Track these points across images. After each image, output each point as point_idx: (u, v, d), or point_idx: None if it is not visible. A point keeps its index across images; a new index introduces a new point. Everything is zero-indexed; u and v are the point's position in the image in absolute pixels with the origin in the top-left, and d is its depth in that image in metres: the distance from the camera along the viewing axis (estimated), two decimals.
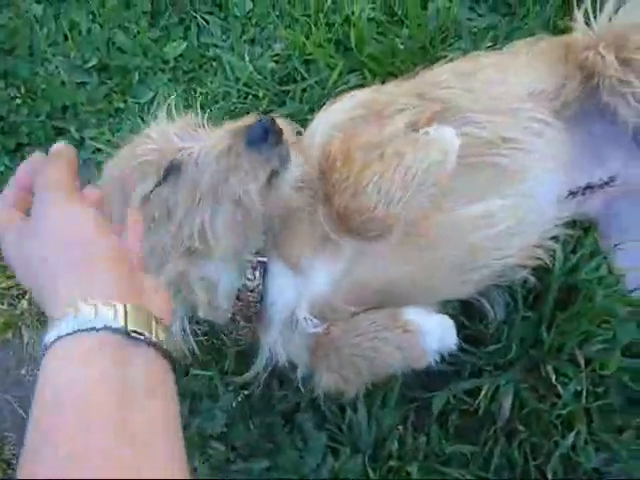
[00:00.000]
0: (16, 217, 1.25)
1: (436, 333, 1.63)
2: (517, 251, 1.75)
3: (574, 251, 1.93)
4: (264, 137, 1.49)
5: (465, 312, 1.92)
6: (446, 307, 1.85)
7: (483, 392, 1.85)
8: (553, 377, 1.82)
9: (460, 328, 1.83)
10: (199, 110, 1.86)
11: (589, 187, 1.88)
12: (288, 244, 1.65)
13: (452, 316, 1.80)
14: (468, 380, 1.89)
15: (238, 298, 1.65)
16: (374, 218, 1.55)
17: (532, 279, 1.84)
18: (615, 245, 1.91)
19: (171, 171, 1.55)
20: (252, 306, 1.66)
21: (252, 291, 1.64)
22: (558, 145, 1.81)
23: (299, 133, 1.80)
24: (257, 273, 1.63)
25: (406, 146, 1.58)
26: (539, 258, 1.81)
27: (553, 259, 1.86)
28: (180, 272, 1.59)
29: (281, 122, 1.57)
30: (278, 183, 1.53)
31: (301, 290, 1.66)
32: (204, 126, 1.67)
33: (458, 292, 1.80)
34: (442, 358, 1.78)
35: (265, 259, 1.64)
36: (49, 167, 1.28)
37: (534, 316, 1.88)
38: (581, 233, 1.96)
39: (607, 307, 1.85)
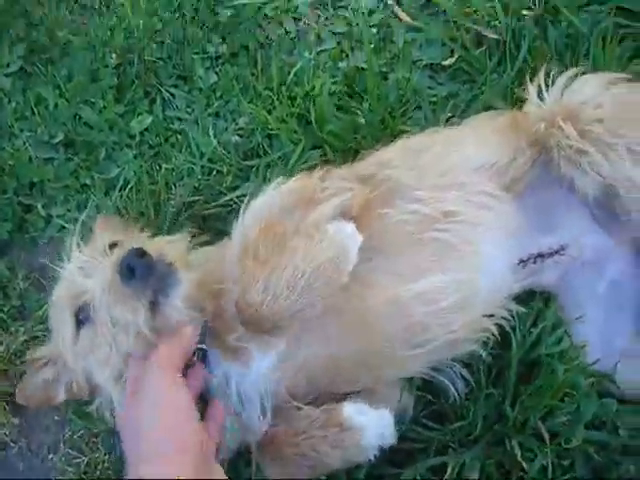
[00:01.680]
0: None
1: (374, 429, 1.64)
2: (464, 325, 1.76)
3: (535, 324, 1.94)
4: (132, 272, 1.53)
5: (430, 389, 1.92)
6: (411, 384, 1.89)
7: (449, 469, 1.84)
8: (518, 453, 1.82)
9: (426, 405, 1.89)
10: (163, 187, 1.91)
11: (540, 255, 1.90)
12: (225, 334, 1.69)
13: (417, 394, 1.86)
14: (434, 457, 1.88)
15: None
16: (261, 315, 1.57)
17: (491, 354, 1.88)
18: (576, 318, 1.93)
19: (83, 312, 1.65)
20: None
21: None
22: (506, 217, 1.83)
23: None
24: (195, 358, 1.66)
25: (302, 242, 1.61)
26: (491, 331, 1.83)
27: (513, 331, 1.89)
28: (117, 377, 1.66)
29: (159, 244, 1.70)
30: (161, 309, 1.57)
31: (244, 379, 1.70)
32: (106, 252, 1.70)
33: (408, 369, 1.81)
34: (407, 436, 1.80)
35: (204, 347, 1.67)
36: (164, 344, 1.54)
37: (497, 392, 1.89)
38: (542, 305, 1.97)
39: (569, 381, 1.86)
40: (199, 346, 1.67)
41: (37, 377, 1.82)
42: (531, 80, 1.95)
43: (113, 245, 1.74)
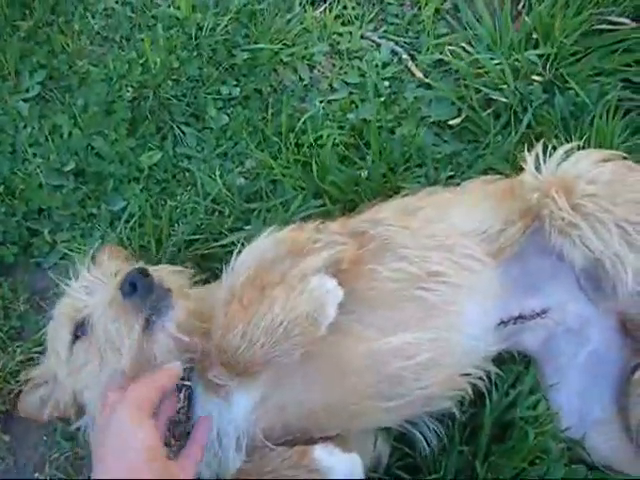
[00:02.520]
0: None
1: (342, 472, 1.72)
2: (438, 382, 1.86)
3: (514, 386, 2.04)
4: (133, 289, 1.67)
5: (406, 441, 2.02)
6: (388, 434, 2.00)
7: None
8: None
9: (401, 456, 1.99)
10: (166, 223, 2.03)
11: (521, 317, 2.00)
12: (209, 371, 1.79)
13: (393, 444, 1.96)
14: None
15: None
16: (237, 359, 1.70)
17: (465, 413, 1.99)
18: (550, 384, 2.04)
19: (81, 327, 1.79)
20: (179, 427, 1.79)
21: (178, 412, 1.78)
22: (490, 280, 1.95)
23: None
24: (182, 396, 1.79)
25: (283, 292, 1.72)
26: (465, 390, 1.93)
27: (488, 392, 1.99)
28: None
29: (161, 270, 1.80)
30: (153, 331, 1.70)
31: (224, 415, 1.81)
32: (111, 274, 1.87)
33: (381, 420, 1.91)
34: None
35: (189, 383, 1.80)
36: (141, 382, 1.62)
37: (470, 449, 1.98)
38: (522, 368, 2.08)
39: (541, 445, 1.96)
40: (185, 383, 1.80)
41: (33, 396, 1.96)
42: (532, 148, 2.06)
43: (118, 272, 1.87)
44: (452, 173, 2.46)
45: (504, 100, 2.54)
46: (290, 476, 1.74)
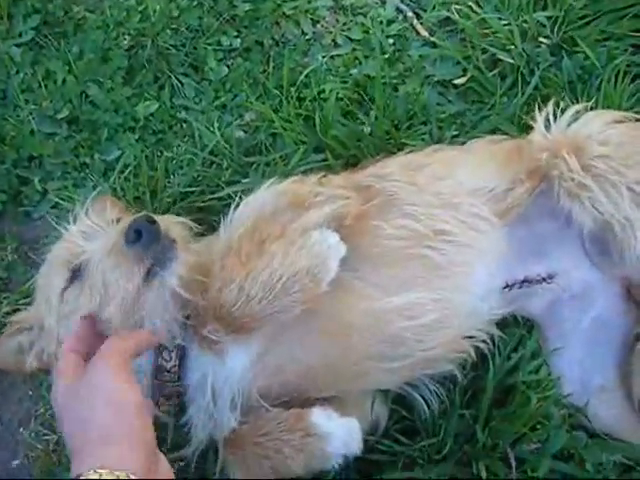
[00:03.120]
0: (75, 368, 1.48)
1: (340, 437, 1.67)
2: (442, 344, 1.81)
3: (515, 350, 2.00)
4: (138, 237, 1.59)
5: (405, 404, 1.97)
6: (386, 397, 1.94)
7: None
8: (484, 475, 1.86)
9: (399, 419, 1.95)
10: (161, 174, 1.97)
11: (526, 281, 1.95)
12: (205, 327, 1.71)
13: (391, 407, 1.92)
14: (401, 471, 1.92)
15: (157, 377, 1.74)
16: (233, 314, 1.63)
17: (467, 376, 1.94)
18: (553, 349, 1.99)
19: (77, 272, 1.70)
20: (169, 386, 1.75)
21: (169, 371, 1.73)
22: (497, 241, 1.89)
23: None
24: (173, 355, 1.73)
25: (282, 246, 1.66)
26: (469, 353, 1.88)
27: (492, 355, 1.94)
28: None
29: (166, 219, 1.72)
30: (154, 282, 1.63)
31: (218, 374, 1.74)
32: (112, 222, 1.80)
33: (382, 381, 1.87)
34: (376, 448, 1.86)
35: (182, 342, 1.73)
36: (116, 337, 1.54)
37: (470, 413, 1.94)
38: (524, 332, 2.03)
39: (542, 410, 1.91)
40: (177, 342, 1.74)
41: (12, 340, 1.87)
42: (540, 109, 2.00)
43: (119, 219, 1.82)
44: (456, 132, 2.40)
45: (510, 61, 2.48)
46: (285, 439, 1.68)
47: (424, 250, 1.82)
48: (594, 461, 1.92)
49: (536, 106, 2.05)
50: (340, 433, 1.68)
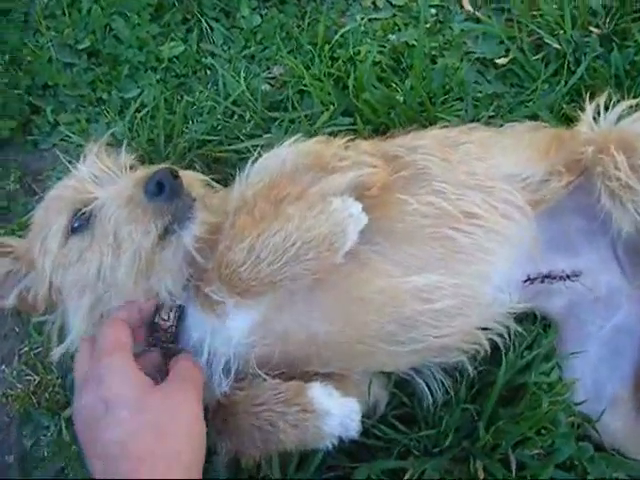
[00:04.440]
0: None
1: (337, 417, 1.56)
2: (456, 332, 1.71)
3: (529, 348, 1.89)
4: (160, 190, 1.50)
5: (406, 389, 1.88)
6: (389, 380, 1.84)
7: (407, 476, 1.78)
8: (481, 476, 1.76)
9: (398, 405, 1.85)
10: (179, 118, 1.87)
11: (549, 276, 1.85)
12: (208, 286, 1.61)
13: (392, 391, 1.82)
14: (394, 460, 1.83)
15: (151, 335, 1.65)
16: (239, 276, 1.53)
17: (476, 368, 1.83)
18: (571, 353, 1.88)
19: (83, 220, 1.60)
20: (165, 346, 1.65)
21: (165, 330, 1.63)
22: (527, 232, 1.78)
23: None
24: (172, 314, 1.63)
25: (300, 210, 1.56)
26: (482, 345, 1.77)
27: (506, 351, 1.83)
28: (93, 305, 1.61)
29: (188, 175, 1.63)
30: (171, 240, 1.54)
31: (217, 336, 1.64)
32: (125, 169, 1.70)
33: (388, 364, 1.76)
34: (371, 432, 1.78)
35: (181, 302, 1.64)
36: (104, 329, 1.51)
37: (475, 408, 1.83)
38: (541, 330, 1.92)
39: (551, 415, 1.80)
40: (177, 303, 1.64)
41: None
42: (584, 100, 1.91)
43: (134, 167, 1.73)
44: (493, 114, 2.29)
45: (557, 47, 2.37)
46: (280, 412, 1.57)
47: (450, 231, 1.71)
48: (597, 475, 1.82)
49: (577, 97, 2.04)
50: (339, 413, 1.57)
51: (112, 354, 1.42)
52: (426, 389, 1.82)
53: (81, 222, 1.61)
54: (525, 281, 1.83)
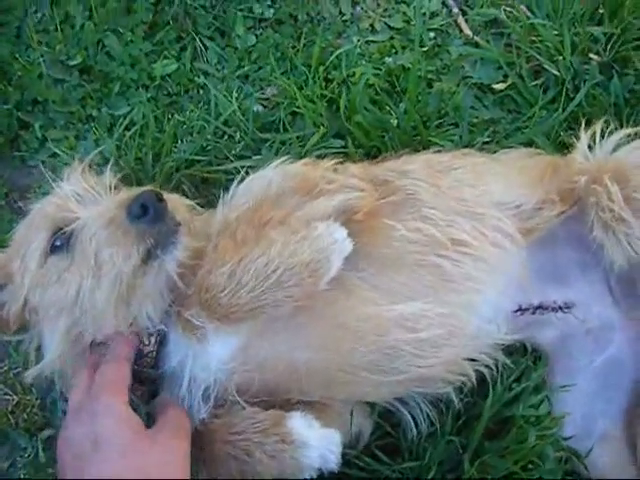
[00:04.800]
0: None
1: (316, 449, 1.52)
2: (442, 363, 1.67)
3: (518, 381, 1.86)
4: (143, 212, 1.47)
5: (390, 419, 1.85)
6: (372, 410, 1.81)
7: None
8: None
9: (381, 435, 1.83)
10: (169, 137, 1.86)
11: (541, 307, 1.83)
12: (188, 310, 1.57)
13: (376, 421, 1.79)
14: None
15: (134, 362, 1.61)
16: (219, 301, 1.50)
17: (462, 400, 1.80)
18: (561, 386, 1.85)
19: (64, 240, 1.57)
20: (144, 371, 1.62)
21: (146, 355, 1.61)
22: (517, 260, 1.76)
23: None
24: (152, 339, 1.61)
25: (283, 234, 1.53)
26: (469, 376, 1.74)
27: (493, 383, 1.81)
28: (70, 328, 1.58)
29: (172, 199, 1.60)
30: (153, 265, 1.52)
31: (197, 361, 1.60)
32: (109, 190, 1.67)
33: (371, 393, 1.72)
34: (354, 463, 1.76)
35: (163, 327, 1.61)
36: (108, 366, 1.52)
37: (460, 441, 1.80)
38: (530, 363, 1.90)
39: (539, 450, 1.78)
40: (158, 327, 1.61)
41: None
42: (578, 128, 1.90)
43: (117, 188, 1.71)
44: (488, 139, 2.27)
45: (556, 73, 2.33)
46: (258, 442, 1.53)
47: (437, 259, 1.69)
48: None
49: (575, 125, 2.02)
50: (319, 444, 1.53)
51: (112, 395, 1.44)
52: (411, 420, 1.79)
53: (61, 241, 1.58)
54: (516, 311, 1.81)
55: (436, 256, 1.69)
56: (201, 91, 2.49)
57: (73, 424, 1.45)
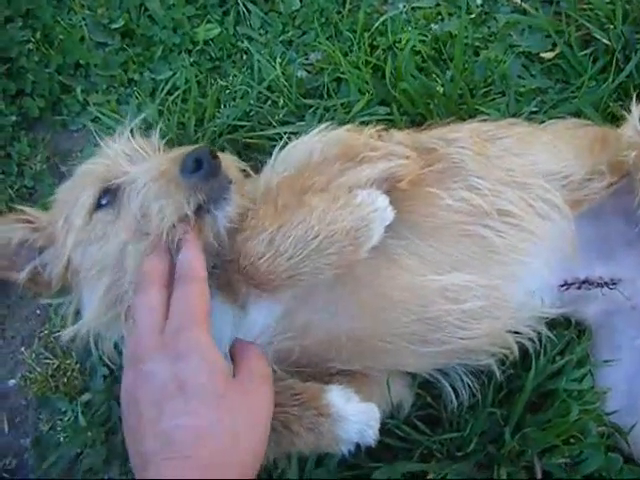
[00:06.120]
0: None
1: (355, 424, 1.52)
2: (484, 335, 1.67)
3: (562, 353, 1.87)
4: (197, 167, 1.46)
5: (431, 390, 1.86)
6: (414, 380, 1.82)
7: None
8: None
9: (422, 406, 1.84)
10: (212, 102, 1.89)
11: (587, 282, 1.82)
12: (232, 279, 1.59)
13: (417, 392, 1.80)
14: (416, 463, 1.81)
15: None
16: (257, 268, 1.49)
17: (504, 372, 1.81)
18: (605, 361, 1.85)
19: (112, 195, 1.57)
20: None
21: None
22: (563, 232, 1.75)
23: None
24: None
25: (324, 202, 1.52)
26: (512, 349, 1.74)
27: (536, 355, 1.81)
28: (110, 288, 1.58)
29: (226, 158, 1.59)
30: (206, 221, 1.51)
31: (237, 329, 1.61)
32: (159, 150, 1.68)
33: (412, 364, 1.73)
34: (393, 432, 1.77)
35: None
36: (186, 289, 1.38)
37: (502, 413, 1.81)
38: (573, 336, 1.90)
39: (581, 424, 1.78)
40: None
41: (8, 229, 1.70)
42: (638, 98, 1.86)
43: (167, 150, 1.71)
44: (536, 109, 2.25)
45: (606, 42, 2.31)
46: (296, 415, 1.53)
47: (483, 229, 1.68)
48: None
49: (627, 95, 2.00)
50: (357, 419, 1.52)
51: (196, 325, 1.31)
52: (451, 391, 1.80)
53: (109, 198, 1.58)
54: (561, 286, 1.80)
55: (482, 226, 1.68)
56: (244, 56, 2.51)
57: (150, 361, 1.28)
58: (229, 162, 1.63)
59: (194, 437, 1.20)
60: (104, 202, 1.59)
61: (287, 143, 1.75)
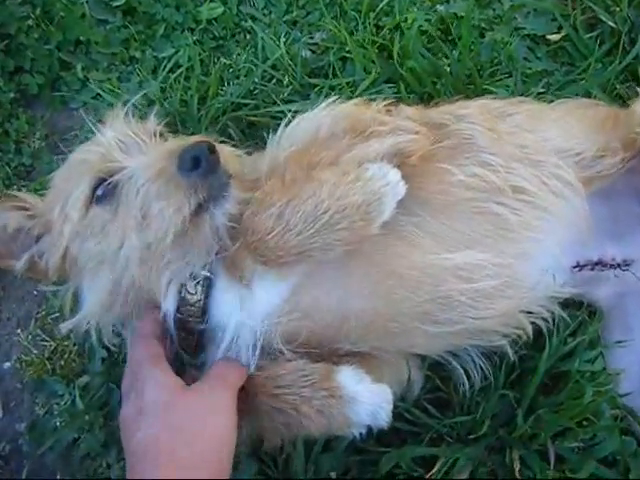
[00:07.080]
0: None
1: (367, 406, 1.47)
2: (497, 315, 1.60)
3: (574, 334, 1.80)
4: (195, 165, 1.40)
5: (441, 372, 1.79)
6: (423, 362, 1.75)
7: (438, 464, 1.70)
8: (517, 467, 1.68)
9: (432, 388, 1.77)
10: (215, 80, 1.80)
11: (600, 263, 1.76)
12: (238, 259, 1.52)
13: (426, 375, 1.75)
14: (425, 447, 1.74)
15: (178, 310, 1.54)
16: (266, 243, 1.43)
17: (516, 353, 1.73)
18: (616, 342, 1.79)
19: (108, 188, 1.51)
20: (191, 320, 1.55)
21: (192, 305, 1.53)
22: (578, 212, 1.68)
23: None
24: (199, 288, 1.53)
25: (334, 176, 1.45)
26: (525, 329, 1.67)
27: (549, 336, 1.74)
28: (109, 282, 1.54)
29: (223, 149, 1.53)
30: (204, 219, 1.45)
31: (244, 308, 1.54)
32: (154, 137, 1.61)
33: (423, 344, 1.65)
34: (403, 416, 1.70)
35: (210, 274, 1.54)
36: (139, 344, 1.52)
37: (514, 395, 1.75)
38: (585, 317, 1.84)
39: (594, 406, 1.72)
40: (205, 274, 1.53)
41: (4, 215, 1.63)
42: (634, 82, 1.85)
43: (163, 135, 1.64)
44: (542, 90, 2.18)
45: (612, 25, 2.25)
46: (306, 397, 1.47)
47: (496, 206, 1.60)
48: None
49: (634, 78, 1.98)
50: (369, 401, 1.47)
51: (143, 365, 1.45)
52: (463, 373, 1.73)
53: (105, 192, 1.51)
54: (574, 267, 1.74)
55: (495, 203, 1.60)
56: (248, 36, 2.44)
57: (123, 405, 1.46)
58: (227, 154, 1.56)
59: (145, 445, 1.33)
60: (101, 194, 1.52)
61: (290, 118, 1.67)
